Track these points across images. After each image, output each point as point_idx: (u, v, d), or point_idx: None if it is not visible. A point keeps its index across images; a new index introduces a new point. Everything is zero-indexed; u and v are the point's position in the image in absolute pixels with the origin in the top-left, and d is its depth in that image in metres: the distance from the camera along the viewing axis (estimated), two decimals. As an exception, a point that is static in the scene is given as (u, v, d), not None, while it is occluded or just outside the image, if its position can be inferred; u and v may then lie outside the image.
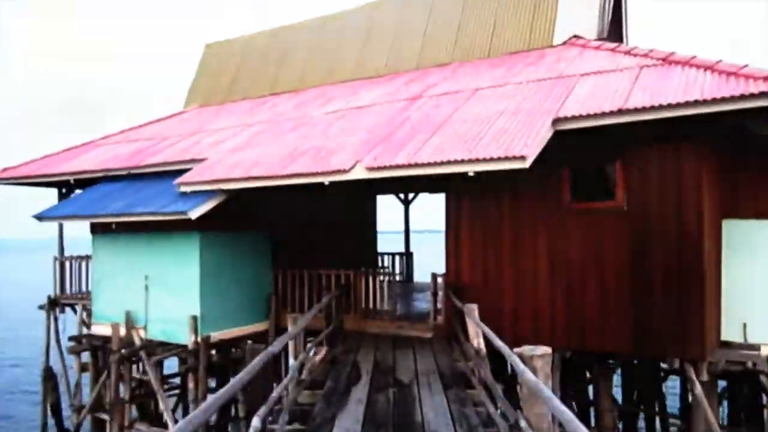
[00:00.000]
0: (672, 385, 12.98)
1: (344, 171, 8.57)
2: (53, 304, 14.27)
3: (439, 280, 10.17)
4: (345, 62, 15.33)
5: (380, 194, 17.35)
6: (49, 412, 14.09)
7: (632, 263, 8.43)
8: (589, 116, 7.71)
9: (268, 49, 17.31)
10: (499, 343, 5.15)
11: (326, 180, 8.80)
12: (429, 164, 7.89)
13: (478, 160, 7.53)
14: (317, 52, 16.16)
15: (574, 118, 7.82)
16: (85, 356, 12.69)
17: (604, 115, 7.60)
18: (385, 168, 8.27)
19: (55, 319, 14.36)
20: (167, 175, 11.32)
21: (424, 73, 13.03)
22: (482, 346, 7.17)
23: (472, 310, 7.30)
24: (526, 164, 7.31)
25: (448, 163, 7.75)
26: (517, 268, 9.33)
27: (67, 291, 14.19)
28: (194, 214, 9.55)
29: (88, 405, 12.14)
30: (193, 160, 11.07)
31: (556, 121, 7.91)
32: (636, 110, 7.41)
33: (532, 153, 7.33)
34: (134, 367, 11.76)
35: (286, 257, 11.96)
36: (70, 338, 12.66)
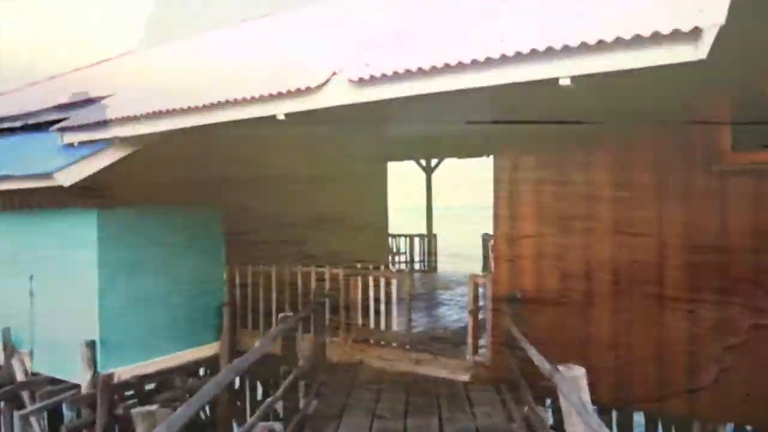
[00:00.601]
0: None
1: (308, 90, 4.50)
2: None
3: (482, 286, 6.16)
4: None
5: (392, 160, 13.16)
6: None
7: None
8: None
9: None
10: None
11: (279, 110, 4.73)
12: (476, 64, 3.79)
13: (587, 48, 3.42)
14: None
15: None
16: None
17: None
18: (385, 79, 4.17)
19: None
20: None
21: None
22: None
23: (576, 384, 3.21)
24: (702, 51, 3.19)
25: (517, 57, 3.64)
26: (625, 268, 5.26)
27: None
28: (66, 179, 5.59)
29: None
30: (89, 101, 7.10)
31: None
32: None
33: (714, 21, 3.20)
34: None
35: (247, 247, 7.95)
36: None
